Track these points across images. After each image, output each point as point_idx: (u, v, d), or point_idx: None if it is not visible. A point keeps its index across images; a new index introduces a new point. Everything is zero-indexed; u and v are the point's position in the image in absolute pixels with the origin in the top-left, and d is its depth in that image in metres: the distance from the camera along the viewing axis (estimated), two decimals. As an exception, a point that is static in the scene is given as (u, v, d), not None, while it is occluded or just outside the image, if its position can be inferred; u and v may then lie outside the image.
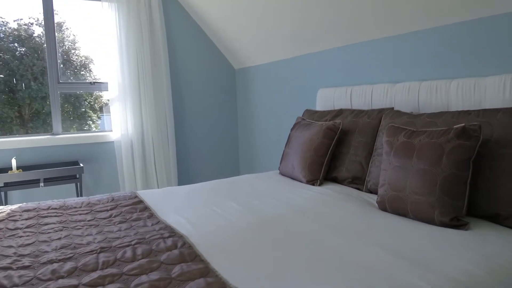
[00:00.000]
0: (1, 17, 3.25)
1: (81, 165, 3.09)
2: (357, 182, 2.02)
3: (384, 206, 1.64)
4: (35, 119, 3.66)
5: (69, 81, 3.44)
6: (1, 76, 2.53)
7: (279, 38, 3.04)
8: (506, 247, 1.23)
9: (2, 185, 2.93)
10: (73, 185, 3.27)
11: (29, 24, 3.36)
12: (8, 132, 3.36)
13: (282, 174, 2.42)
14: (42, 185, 2.95)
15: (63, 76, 3.45)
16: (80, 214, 1.72)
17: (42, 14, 3.21)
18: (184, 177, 3.83)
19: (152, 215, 1.69)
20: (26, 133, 3.33)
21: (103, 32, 3.32)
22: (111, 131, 3.44)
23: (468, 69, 1.87)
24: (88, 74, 3.69)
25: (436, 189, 1.43)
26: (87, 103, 3.85)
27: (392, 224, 1.48)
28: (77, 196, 3.16)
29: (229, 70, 4.03)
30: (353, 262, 1.15)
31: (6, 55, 3.28)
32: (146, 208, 1.80)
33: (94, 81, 3.50)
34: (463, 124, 1.47)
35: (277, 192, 2.01)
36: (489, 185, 1.44)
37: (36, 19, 3.40)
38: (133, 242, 1.32)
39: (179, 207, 1.80)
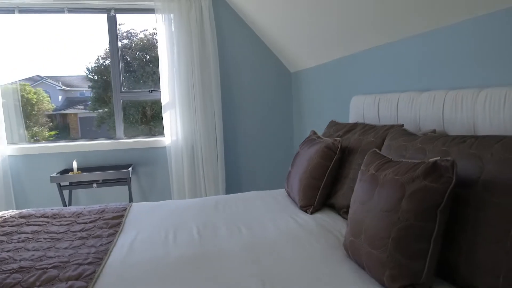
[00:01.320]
0: (133, 29, 3.63)
1: (129, 169, 3.31)
2: (353, 213, 1.68)
3: (348, 252, 1.32)
4: (155, 119, 4.20)
5: (130, 90, 3.72)
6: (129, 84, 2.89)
7: (332, 36, 2.71)
8: None
9: (68, 184, 3.34)
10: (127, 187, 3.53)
11: (153, 34, 3.66)
12: (135, 132, 3.79)
13: (287, 194, 2.18)
14: (95, 186, 3.26)
15: (152, 82, 3.78)
16: (60, 225, 1.81)
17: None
18: (233, 186, 3.78)
19: (114, 233, 1.68)
20: (149, 130, 3.71)
21: (158, 42, 3.49)
22: (164, 136, 3.60)
23: (503, 74, 1.38)
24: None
25: (389, 243, 1.07)
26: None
27: (341, 284, 1.17)
28: (129, 199, 3.40)
29: (285, 74, 3.83)
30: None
31: (134, 62, 3.69)
32: (118, 224, 1.80)
33: (152, 89, 3.71)
34: (436, 158, 1.07)
35: (260, 218, 1.81)
36: (469, 244, 1.02)
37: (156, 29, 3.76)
38: (51, 265, 1.32)
39: (146, 226, 1.76)
